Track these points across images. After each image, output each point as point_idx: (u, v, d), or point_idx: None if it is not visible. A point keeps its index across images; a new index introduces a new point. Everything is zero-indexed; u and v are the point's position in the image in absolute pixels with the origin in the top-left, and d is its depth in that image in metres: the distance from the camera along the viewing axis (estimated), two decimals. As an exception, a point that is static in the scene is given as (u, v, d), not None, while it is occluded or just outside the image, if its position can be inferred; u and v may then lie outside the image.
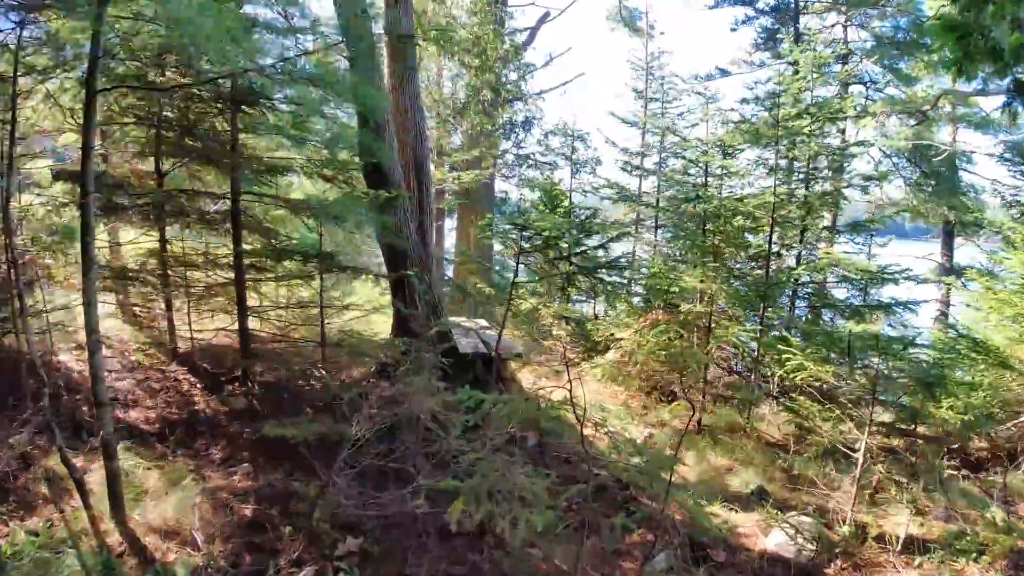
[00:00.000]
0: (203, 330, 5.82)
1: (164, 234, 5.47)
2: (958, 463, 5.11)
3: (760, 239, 6.54)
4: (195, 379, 5.22)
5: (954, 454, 5.16)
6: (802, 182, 6.82)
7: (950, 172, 10.96)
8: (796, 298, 7.04)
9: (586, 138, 12.17)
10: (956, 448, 5.20)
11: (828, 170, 6.97)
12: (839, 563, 3.58)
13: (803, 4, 11.90)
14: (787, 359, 4.53)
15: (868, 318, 6.67)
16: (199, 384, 5.14)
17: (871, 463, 4.24)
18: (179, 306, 5.78)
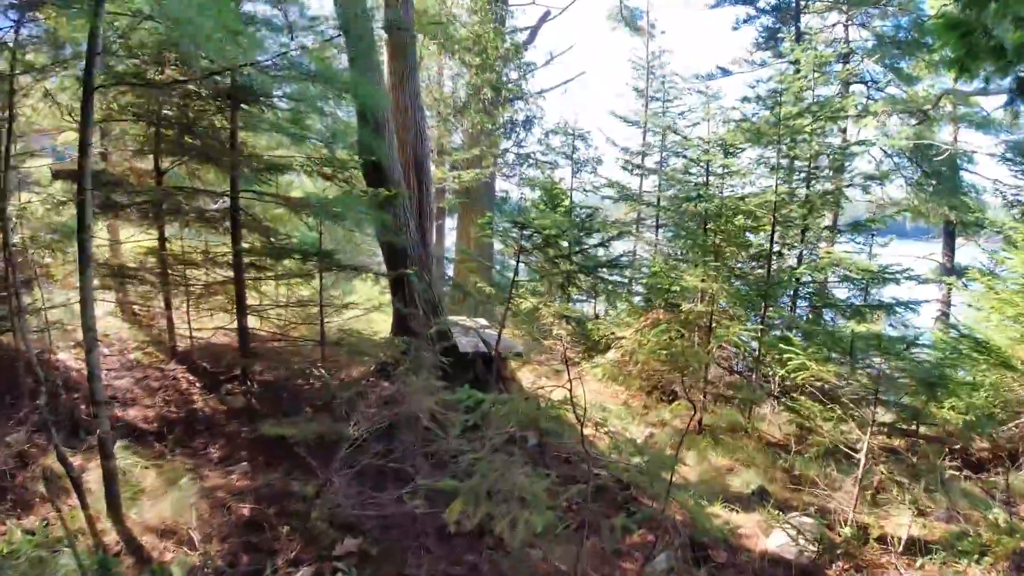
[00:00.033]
0: (202, 329, 5.81)
1: (163, 232, 5.46)
2: (959, 463, 5.09)
3: (761, 238, 6.52)
4: (194, 378, 5.20)
5: (955, 454, 5.13)
6: (803, 181, 6.80)
7: (951, 172, 10.93)
8: (797, 298, 7.02)
9: (587, 137, 12.18)
10: (957, 448, 5.18)
11: (829, 170, 6.94)
12: (841, 564, 3.55)
13: (804, 3, 11.88)
14: (789, 359, 4.51)
15: (869, 318, 6.65)
16: (198, 383, 5.12)
17: (872, 463, 4.22)
18: (178, 305, 5.77)
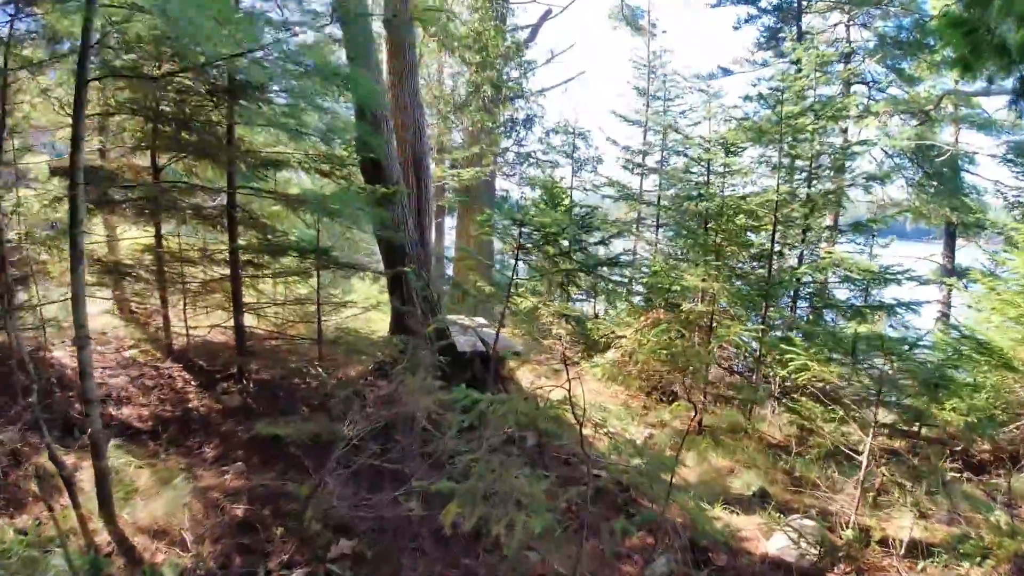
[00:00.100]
0: (198, 327, 5.76)
1: (160, 229, 5.42)
2: (961, 465, 5.06)
3: (762, 238, 6.49)
4: (190, 376, 5.15)
5: (957, 456, 5.10)
6: (805, 181, 6.76)
7: (952, 173, 10.89)
8: (797, 298, 6.98)
9: (587, 136, 12.17)
10: (959, 450, 5.15)
11: (830, 169, 6.90)
12: (842, 567, 3.51)
13: (806, 3, 11.84)
14: (790, 359, 4.47)
15: (870, 319, 6.62)
16: (194, 381, 5.07)
17: (874, 465, 4.18)
18: (175, 302, 5.72)
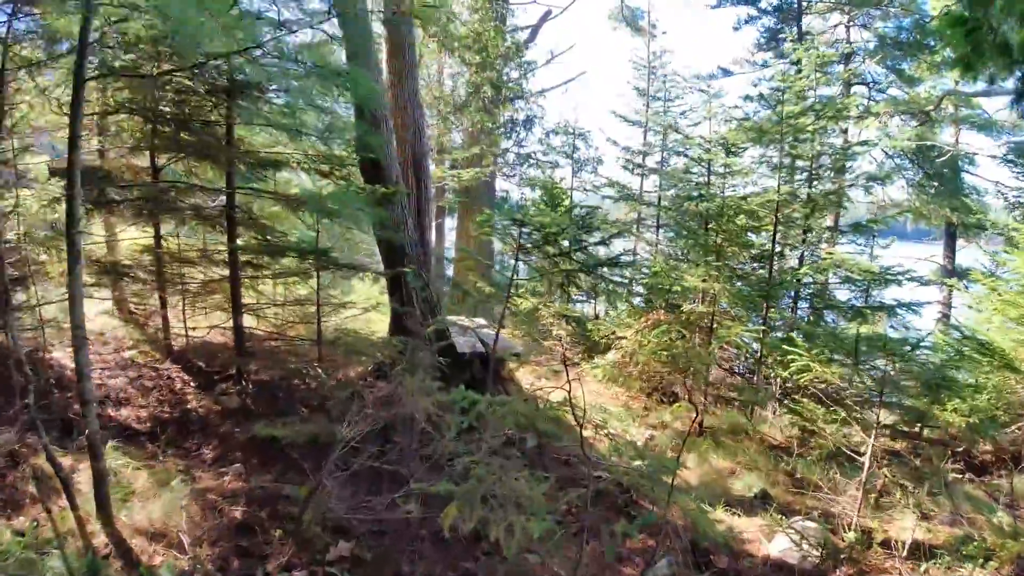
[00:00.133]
0: (198, 327, 5.75)
1: (159, 230, 5.40)
2: (962, 466, 5.04)
3: (763, 238, 6.47)
4: (188, 377, 5.14)
5: (958, 457, 5.08)
6: (806, 181, 6.74)
7: (952, 174, 10.88)
8: (798, 299, 6.96)
9: (587, 137, 12.16)
10: (960, 451, 5.13)
11: (831, 170, 6.89)
12: (844, 569, 3.49)
13: (806, 4, 11.83)
14: (792, 360, 4.44)
15: (871, 319, 6.60)
16: (192, 382, 5.06)
17: (876, 466, 4.16)
18: (174, 303, 5.71)
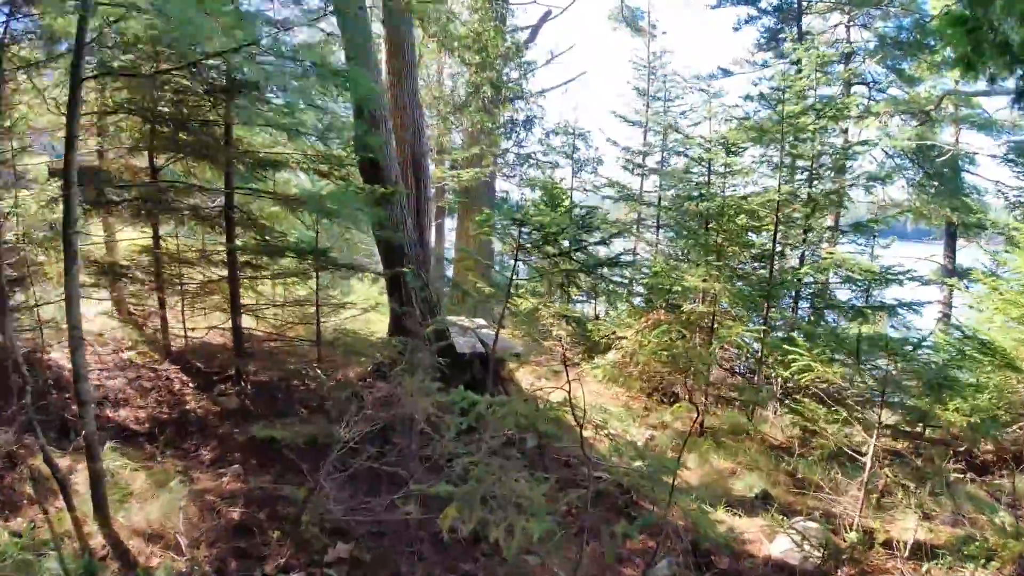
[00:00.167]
0: (197, 328, 5.73)
1: (157, 230, 5.38)
2: (964, 466, 5.02)
3: (764, 238, 6.45)
4: (187, 378, 5.12)
5: (960, 457, 5.06)
6: (806, 181, 6.73)
7: (953, 173, 10.87)
8: (799, 299, 6.95)
9: (587, 137, 12.14)
10: (962, 451, 5.11)
11: (831, 170, 6.88)
12: (846, 570, 3.48)
13: (806, 4, 11.81)
14: (793, 360, 4.43)
15: (872, 319, 6.58)
16: (191, 383, 5.04)
17: (877, 466, 4.15)
18: (173, 304, 5.69)
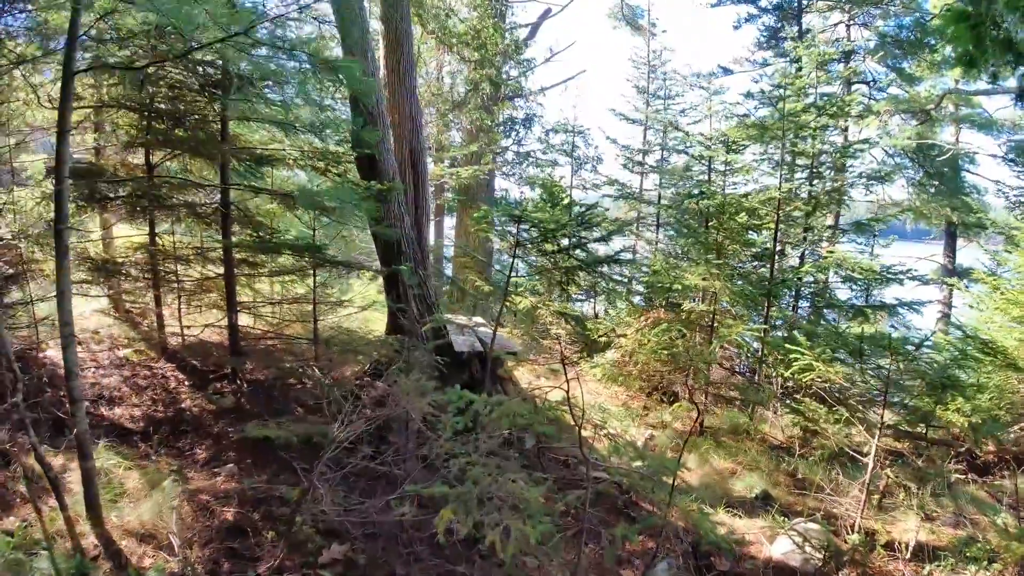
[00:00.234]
0: (193, 326, 5.68)
1: (153, 227, 5.33)
2: (965, 467, 4.99)
3: (764, 236, 6.42)
4: (183, 376, 5.07)
5: (961, 458, 5.04)
6: (807, 179, 6.70)
7: (953, 173, 10.84)
8: (799, 298, 6.92)
9: (587, 135, 12.09)
10: (963, 451, 5.08)
11: (832, 168, 6.85)
12: (847, 571, 3.44)
13: (806, 2, 11.77)
14: (794, 359, 4.39)
15: (872, 318, 6.56)
16: (187, 381, 4.99)
17: (879, 467, 4.11)
18: (170, 301, 5.64)
